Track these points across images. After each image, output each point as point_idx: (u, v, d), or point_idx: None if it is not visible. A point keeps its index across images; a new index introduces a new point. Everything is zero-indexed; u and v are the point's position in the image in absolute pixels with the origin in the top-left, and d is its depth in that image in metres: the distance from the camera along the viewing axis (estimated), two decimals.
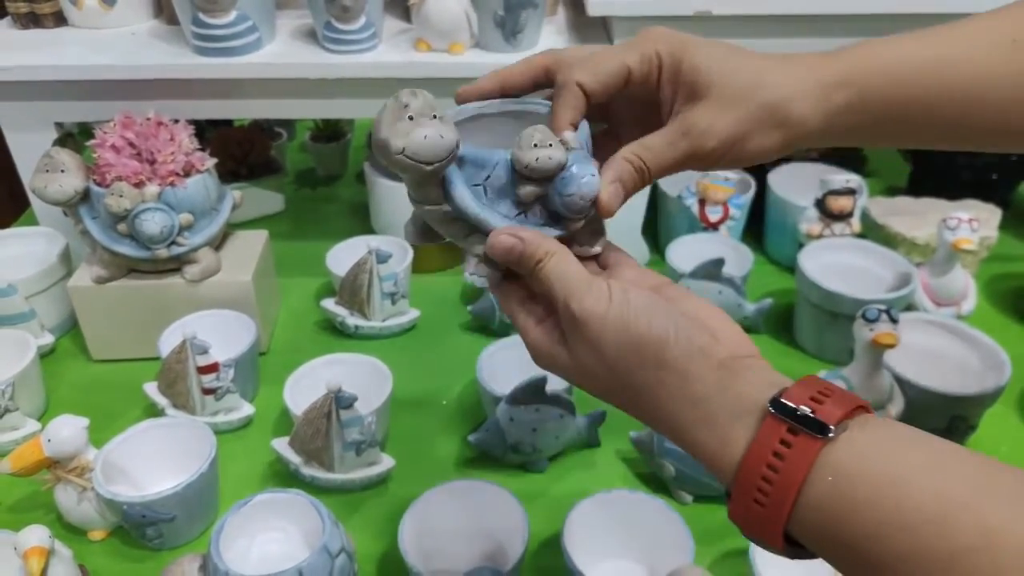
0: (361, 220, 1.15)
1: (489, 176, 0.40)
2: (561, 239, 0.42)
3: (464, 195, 0.40)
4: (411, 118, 0.37)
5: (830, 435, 0.32)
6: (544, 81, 0.46)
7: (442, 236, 0.45)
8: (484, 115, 0.46)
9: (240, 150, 1.12)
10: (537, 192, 0.40)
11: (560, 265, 0.40)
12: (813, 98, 0.42)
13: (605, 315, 0.38)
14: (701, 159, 0.43)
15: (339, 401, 0.69)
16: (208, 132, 1.16)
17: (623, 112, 0.49)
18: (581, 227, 0.43)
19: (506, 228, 0.40)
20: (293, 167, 1.33)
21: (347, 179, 1.31)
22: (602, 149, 0.45)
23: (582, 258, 0.42)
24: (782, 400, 0.34)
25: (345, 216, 1.20)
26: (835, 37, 0.89)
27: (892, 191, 1.24)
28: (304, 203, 1.25)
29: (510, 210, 0.41)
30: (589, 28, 0.97)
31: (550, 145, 0.39)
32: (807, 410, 0.33)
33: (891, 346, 0.71)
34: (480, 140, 0.43)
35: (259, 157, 1.14)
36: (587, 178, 0.40)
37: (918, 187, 1.16)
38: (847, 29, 0.89)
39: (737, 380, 0.36)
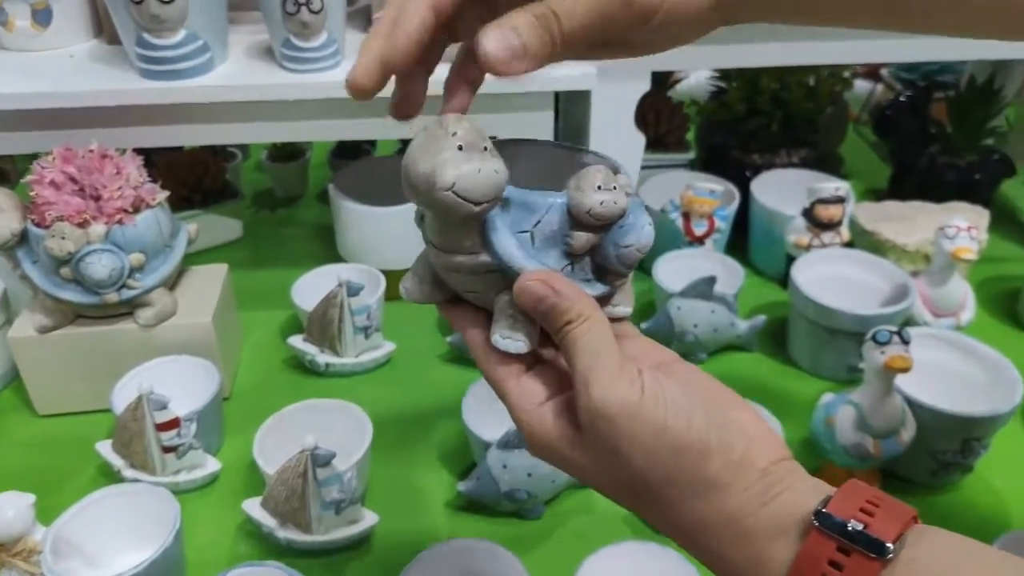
0: (326, 245, 1.08)
1: (539, 222, 0.35)
2: (598, 299, 0.36)
3: (508, 244, 0.34)
4: (461, 148, 0.32)
5: (889, 556, 0.29)
6: None
7: (452, 291, 0.39)
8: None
9: (192, 175, 1.05)
10: (593, 241, 0.35)
11: (590, 334, 0.33)
12: None
13: (636, 411, 0.32)
14: (626, 6, 0.34)
15: (316, 459, 0.63)
16: (156, 157, 1.08)
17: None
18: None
19: (539, 272, 0.34)
20: (250, 188, 1.26)
21: (308, 200, 1.25)
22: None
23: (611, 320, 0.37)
24: (827, 512, 0.30)
25: (309, 240, 1.14)
26: (825, 41, 0.86)
27: (871, 194, 1.21)
28: (264, 228, 1.17)
29: (558, 261, 0.35)
30: None
31: (614, 188, 0.34)
32: (859, 525, 0.29)
33: (905, 370, 0.66)
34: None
35: (213, 182, 1.07)
36: (647, 228, 0.35)
37: (900, 189, 1.13)
38: (838, 32, 0.85)
39: (778, 490, 0.32)
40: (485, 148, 0.32)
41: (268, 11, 0.78)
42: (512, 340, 0.36)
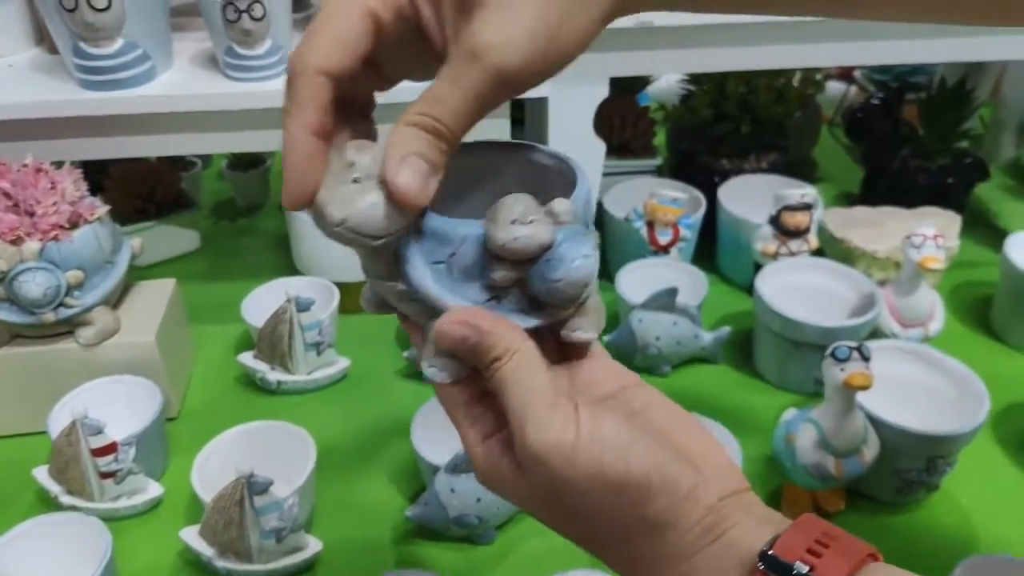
0: (285, 256, 1.06)
1: (455, 253, 0.32)
2: (541, 329, 0.34)
3: (422, 275, 0.32)
4: (356, 181, 0.30)
5: None
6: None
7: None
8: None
9: (145, 186, 1.02)
10: (513, 277, 0.32)
11: (518, 371, 0.31)
12: None
13: (572, 452, 0.30)
14: (512, 84, 0.30)
15: (252, 487, 0.61)
16: (111, 167, 1.05)
17: (400, 66, 0.35)
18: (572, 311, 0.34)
19: (459, 313, 0.32)
20: (211, 197, 1.23)
21: (269, 209, 1.22)
22: None
23: (568, 344, 0.35)
24: (772, 554, 0.28)
25: (268, 250, 1.11)
26: (796, 44, 0.84)
27: (844, 198, 1.19)
28: (223, 238, 1.15)
29: (479, 295, 0.33)
30: None
31: (531, 221, 0.31)
32: (804, 568, 0.28)
33: (865, 387, 0.64)
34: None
35: (167, 193, 1.04)
36: (578, 261, 0.31)
37: (872, 193, 1.11)
38: (809, 35, 0.83)
39: (724, 527, 0.30)
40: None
41: (209, 18, 0.75)
42: (437, 370, 0.34)
